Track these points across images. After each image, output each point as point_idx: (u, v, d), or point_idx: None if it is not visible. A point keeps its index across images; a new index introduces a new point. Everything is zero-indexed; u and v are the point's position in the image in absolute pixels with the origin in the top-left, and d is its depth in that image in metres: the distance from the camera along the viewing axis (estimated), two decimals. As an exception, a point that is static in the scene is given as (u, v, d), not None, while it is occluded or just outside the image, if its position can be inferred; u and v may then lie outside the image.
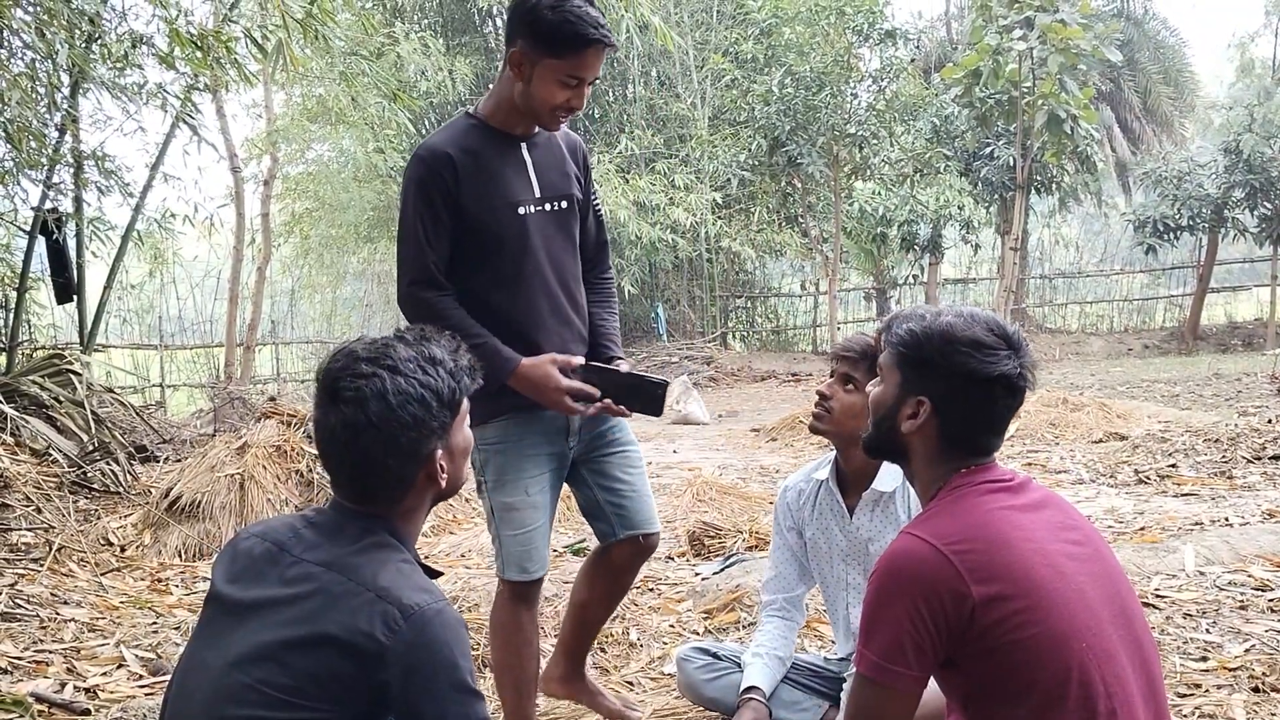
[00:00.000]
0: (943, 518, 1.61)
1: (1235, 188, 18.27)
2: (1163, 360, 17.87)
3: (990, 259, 22.47)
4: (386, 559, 1.63)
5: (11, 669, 3.33)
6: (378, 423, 1.61)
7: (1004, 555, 1.54)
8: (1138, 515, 5.49)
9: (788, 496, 2.98)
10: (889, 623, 1.54)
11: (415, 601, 1.56)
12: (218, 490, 5.56)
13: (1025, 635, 1.50)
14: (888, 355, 1.78)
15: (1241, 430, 7.09)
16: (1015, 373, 1.67)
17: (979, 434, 1.70)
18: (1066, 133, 12.68)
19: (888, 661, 1.54)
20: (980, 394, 1.66)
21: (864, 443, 1.86)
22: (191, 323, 17.44)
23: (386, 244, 18.71)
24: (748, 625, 3.98)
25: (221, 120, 13.20)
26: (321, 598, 1.57)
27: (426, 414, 1.65)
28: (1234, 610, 3.72)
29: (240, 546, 1.72)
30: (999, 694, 1.54)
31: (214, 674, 1.59)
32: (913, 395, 1.70)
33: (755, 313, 22.59)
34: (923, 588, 1.53)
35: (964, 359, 1.65)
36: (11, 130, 6.89)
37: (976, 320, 1.70)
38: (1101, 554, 1.68)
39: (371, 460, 1.64)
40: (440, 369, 1.68)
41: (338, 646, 1.53)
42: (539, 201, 2.56)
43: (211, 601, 1.70)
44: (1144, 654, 1.61)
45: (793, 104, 14.80)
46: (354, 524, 1.67)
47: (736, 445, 9.99)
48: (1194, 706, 2.90)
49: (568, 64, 2.36)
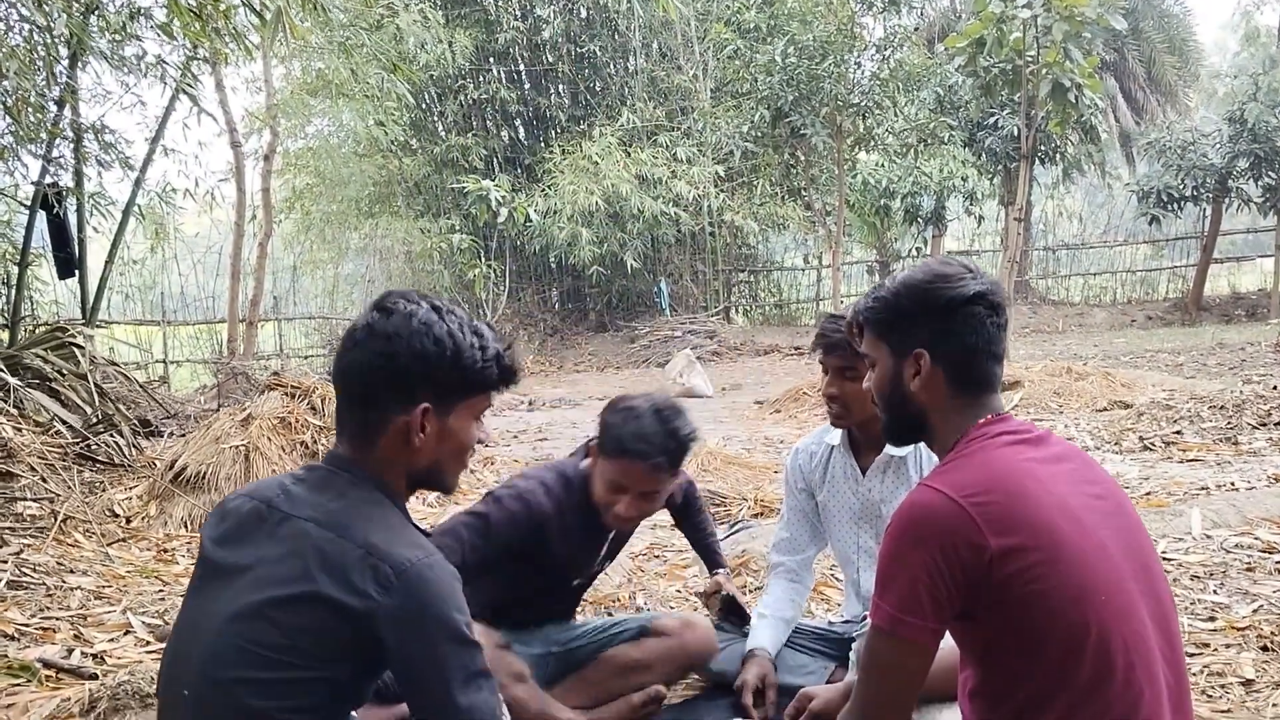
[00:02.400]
0: (960, 470, 1.59)
1: (1239, 157, 18.16)
2: (1166, 331, 17.83)
3: (994, 231, 22.39)
4: (376, 515, 1.60)
5: (19, 636, 3.33)
6: (396, 334, 1.64)
7: (1023, 507, 1.51)
8: (1143, 481, 5.48)
9: (799, 459, 2.97)
10: (905, 575, 1.52)
11: (407, 557, 1.54)
12: (223, 461, 5.55)
13: (1043, 588, 1.48)
14: (867, 336, 1.78)
15: (1246, 397, 7.07)
16: (987, 288, 1.70)
17: (981, 362, 1.69)
18: (1071, 102, 12.52)
19: (904, 614, 1.52)
20: (965, 319, 1.67)
21: (884, 433, 1.85)
22: (194, 299, 17.41)
23: (388, 220, 18.65)
24: (754, 590, 3.98)
25: (221, 94, 13.09)
26: (311, 555, 1.54)
27: (440, 361, 1.65)
28: (1241, 572, 3.72)
29: (229, 507, 1.70)
30: (1015, 647, 1.52)
31: (208, 636, 1.58)
32: (908, 353, 1.71)
33: (758, 287, 22.54)
34: (940, 539, 1.50)
35: (937, 294, 1.68)
36: (10, 103, 6.86)
37: (929, 263, 1.76)
38: (1124, 509, 1.65)
39: (372, 373, 1.65)
40: (478, 341, 1.69)
41: (329, 605, 1.52)
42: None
43: (202, 563, 1.68)
44: (1164, 611, 1.59)
45: (796, 74, 14.68)
46: (342, 479, 1.65)
47: (740, 417, 9.98)
48: (1203, 665, 2.89)
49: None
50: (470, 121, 19.94)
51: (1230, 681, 2.79)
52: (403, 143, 18.16)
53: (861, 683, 1.61)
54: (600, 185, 16.95)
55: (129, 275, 13.84)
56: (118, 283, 12.70)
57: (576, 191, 16.87)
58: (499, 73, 20.08)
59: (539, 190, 17.66)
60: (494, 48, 19.28)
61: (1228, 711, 2.61)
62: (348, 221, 19.38)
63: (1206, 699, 2.70)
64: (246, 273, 14.95)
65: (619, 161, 17.31)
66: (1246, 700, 2.67)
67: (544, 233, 17.48)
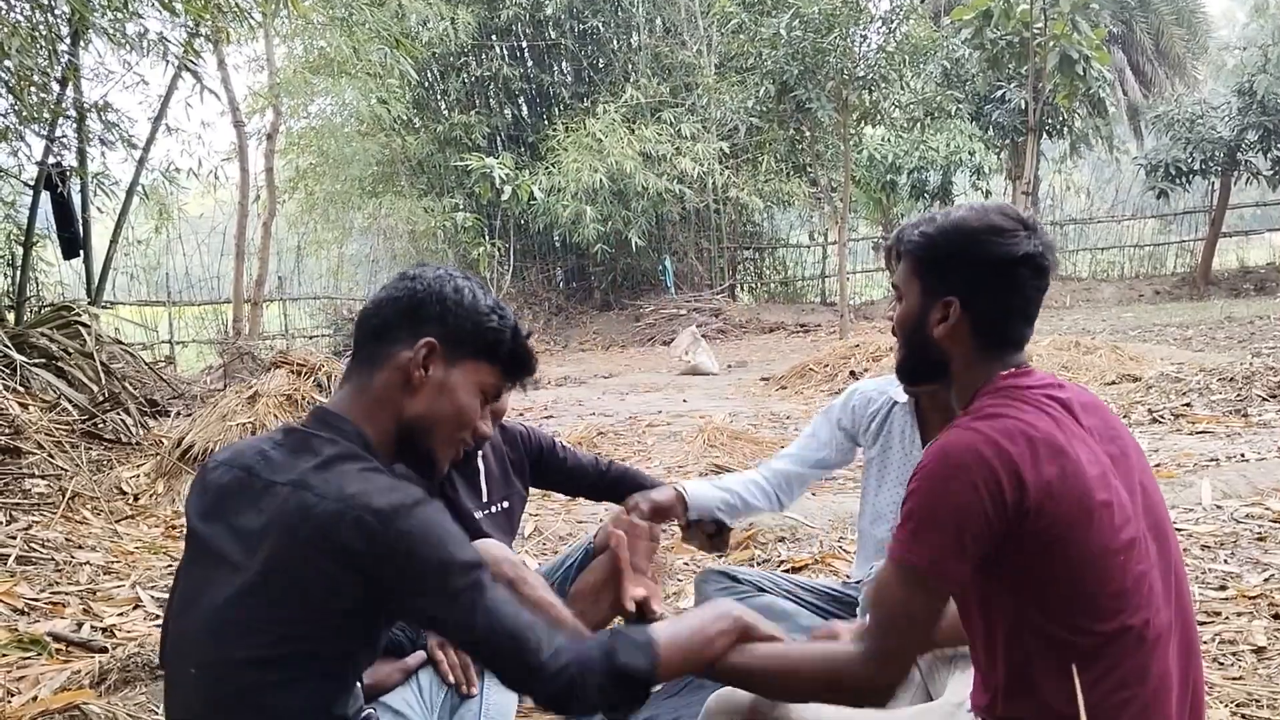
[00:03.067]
0: (993, 416, 1.53)
1: (1249, 130, 18.04)
2: (1174, 305, 17.77)
3: (1000, 206, 22.26)
4: (351, 468, 1.56)
5: (29, 610, 3.34)
6: (420, 276, 1.71)
7: (1057, 456, 1.48)
8: (1153, 453, 5.46)
9: (854, 399, 2.81)
10: (944, 514, 1.47)
11: (387, 503, 1.50)
12: (230, 439, 5.55)
13: (1070, 537, 1.46)
14: (904, 267, 1.71)
15: (1256, 369, 7.04)
16: (1038, 251, 1.61)
17: (1013, 323, 1.63)
18: (1079, 74, 12.46)
19: (941, 554, 1.47)
20: (1007, 279, 1.60)
21: (899, 369, 1.78)
22: (199, 279, 17.43)
23: (391, 199, 18.62)
24: (762, 562, 3.98)
25: (223, 73, 13.07)
26: (295, 519, 1.52)
27: (456, 305, 1.69)
28: (1252, 542, 3.71)
29: (209, 478, 1.66)
30: (1028, 591, 1.49)
31: (205, 615, 1.56)
32: (938, 298, 1.64)
33: (763, 264, 22.46)
34: (983, 478, 1.45)
35: (985, 247, 1.60)
36: (13, 82, 6.83)
37: (988, 209, 1.65)
38: (1142, 465, 1.62)
39: (389, 303, 1.70)
40: (499, 308, 1.74)
41: (320, 566, 1.49)
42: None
43: (191, 539, 1.65)
44: (1178, 573, 1.57)
45: (801, 47, 14.57)
46: (321, 439, 1.62)
47: (746, 394, 9.98)
48: (1214, 633, 2.88)
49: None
50: (473, 99, 19.87)
51: (1242, 649, 2.78)
52: (406, 121, 18.10)
53: (884, 622, 1.54)
54: (604, 163, 16.89)
55: (134, 256, 13.86)
56: (122, 263, 12.70)
57: (580, 169, 16.81)
58: (502, 49, 19.99)
59: (543, 168, 17.60)
60: (496, 24, 19.19)
61: (1239, 679, 2.60)
62: (351, 201, 19.36)
63: (1219, 666, 2.69)
64: (251, 253, 14.96)
65: (623, 138, 17.23)
66: (1258, 667, 2.67)
67: (548, 211, 17.43)
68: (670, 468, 6.08)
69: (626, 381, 11.85)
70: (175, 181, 10.09)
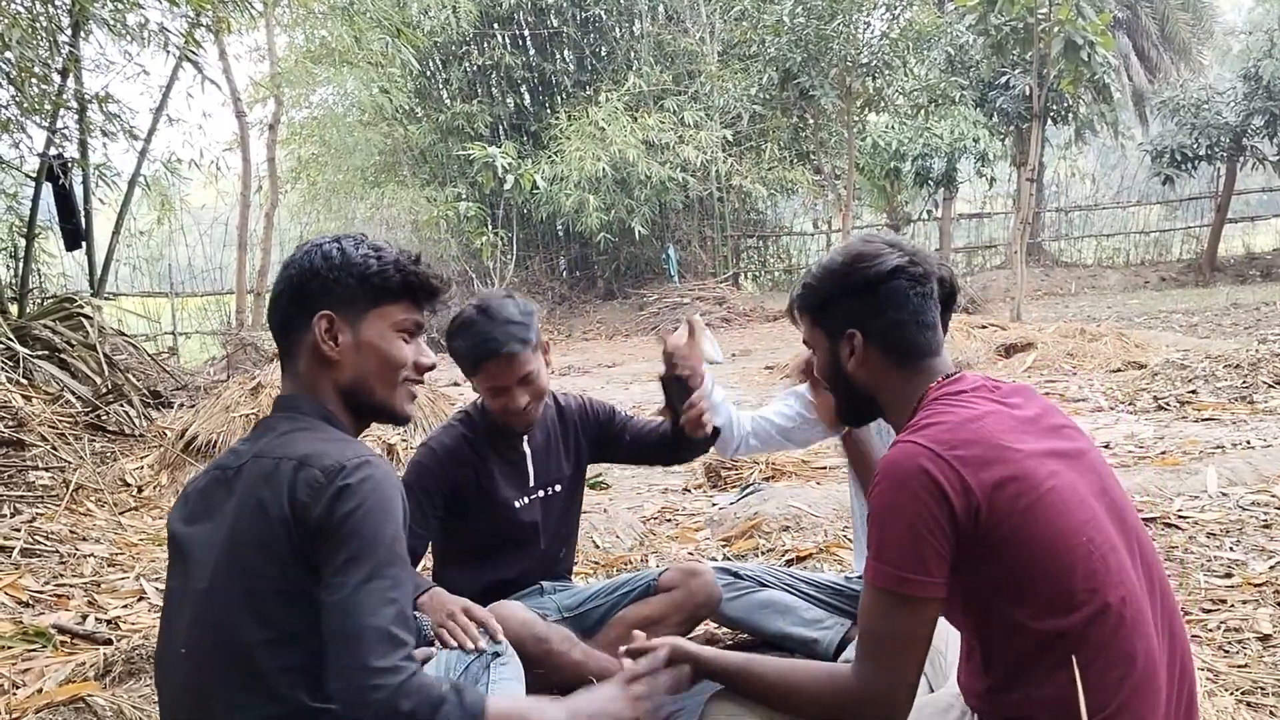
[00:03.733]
0: (932, 425, 1.58)
1: (1254, 115, 17.96)
2: (1180, 292, 17.72)
3: (1005, 193, 22.23)
4: (310, 435, 1.63)
5: (33, 602, 3.35)
6: (291, 261, 1.74)
7: (999, 454, 1.52)
8: (1158, 440, 5.45)
9: None
10: (901, 531, 1.51)
11: (338, 459, 1.54)
12: (233, 430, 5.56)
13: (1028, 530, 1.49)
14: (805, 324, 1.82)
15: (1262, 356, 7.01)
16: (906, 261, 1.70)
17: (912, 333, 1.70)
18: (1083, 60, 12.39)
19: (907, 571, 1.50)
20: (889, 294, 1.69)
21: (840, 418, 1.88)
22: (201, 270, 17.44)
23: (394, 189, 18.60)
24: (766, 552, 3.97)
25: (224, 63, 13.05)
26: (256, 487, 1.57)
27: (329, 270, 1.70)
28: (1258, 529, 3.69)
29: (189, 490, 1.73)
30: (1006, 594, 1.52)
31: (189, 601, 1.60)
32: (840, 337, 1.73)
33: (767, 252, 22.43)
34: (929, 491, 1.50)
35: (856, 275, 1.70)
36: (14, 73, 6.82)
37: (851, 243, 1.77)
38: (1086, 446, 1.66)
39: (277, 300, 1.74)
40: (375, 252, 1.74)
41: (279, 527, 1.53)
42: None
43: (172, 546, 1.70)
44: (1144, 548, 1.60)
45: (804, 34, 14.53)
46: (280, 417, 1.69)
47: (751, 383, 9.97)
48: (1219, 621, 2.87)
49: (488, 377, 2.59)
50: (475, 88, 19.83)
51: (1247, 637, 2.77)
52: (408, 110, 18.07)
53: (870, 649, 1.57)
54: (607, 151, 16.85)
55: (136, 247, 13.87)
56: (125, 255, 12.72)
57: (583, 158, 16.77)
58: (503, 38, 19.93)
59: (545, 157, 17.57)
60: (498, 12, 19.13)
61: (1244, 666, 2.59)
62: (354, 191, 19.35)
63: (1224, 654, 2.68)
64: (253, 244, 14.96)
65: (626, 127, 17.19)
66: (1264, 655, 2.65)
67: (551, 200, 17.40)
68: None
69: (630, 371, 11.84)
70: (177, 173, 10.06)
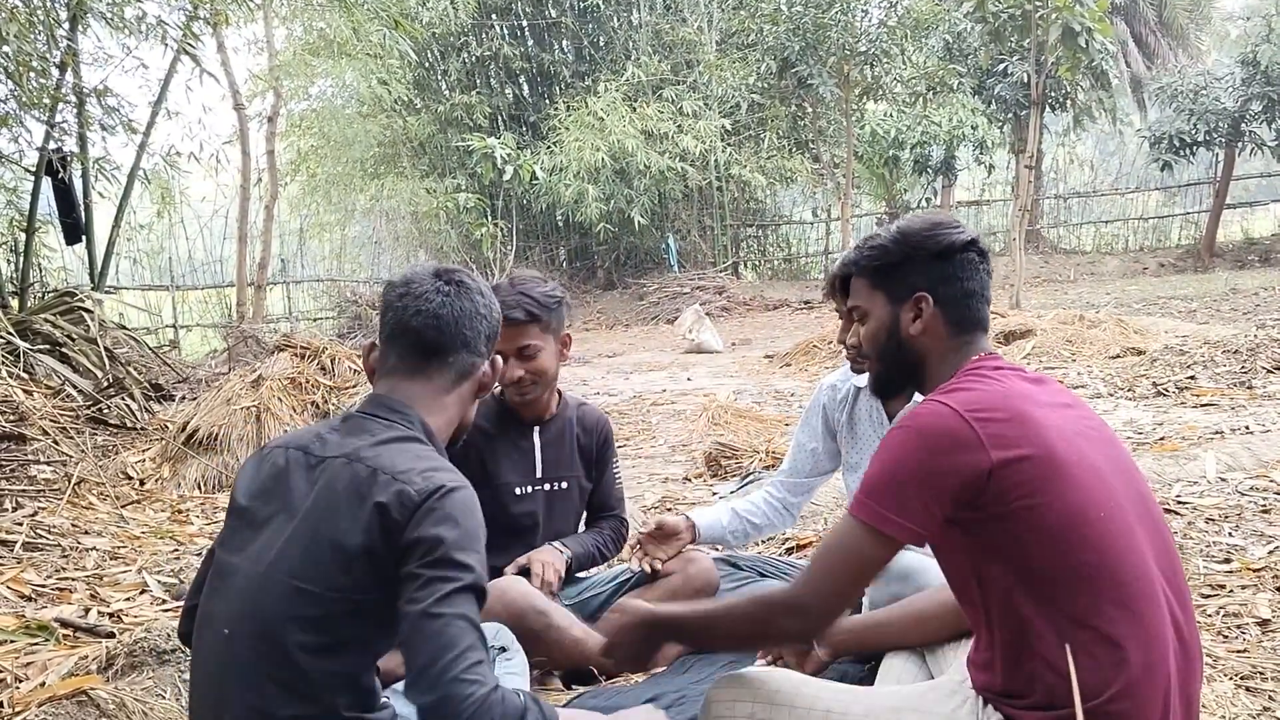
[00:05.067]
0: (965, 390, 1.62)
1: (1253, 100, 17.92)
2: (1179, 278, 17.71)
3: (1004, 180, 22.20)
4: (406, 448, 1.64)
5: (36, 596, 3.36)
6: (485, 293, 1.87)
7: (1023, 427, 1.55)
8: (1157, 426, 5.45)
9: (823, 395, 2.91)
10: (901, 478, 1.55)
11: (430, 481, 1.57)
12: (234, 423, 5.57)
13: (1041, 502, 1.51)
14: (862, 285, 1.83)
15: (1261, 341, 7.01)
16: (976, 237, 1.79)
17: (975, 304, 1.76)
18: (1081, 46, 12.36)
19: (891, 512, 1.55)
20: (962, 264, 1.75)
21: (874, 385, 1.89)
22: (202, 263, 17.40)
23: (394, 181, 18.57)
24: (764, 541, 3.98)
25: (222, 56, 12.99)
26: (341, 489, 1.58)
27: (493, 332, 1.88)
28: (1257, 514, 3.69)
29: (265, 458, 1.73)
30: (1014, 560, 1.54)
31: (245, 579, 1.60)
32: (907, 299, 1.76)
33: (766, 241, 22.41)
34: (941, 449, 1.53)
35: (936, 240, 1.75)
36: (12, 67, 6.81)
37: (922, 214, 1.88)
38: (1113, 439, 1.70)
39: (477, 320, 1.83)
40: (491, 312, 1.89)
41: (359, 530, 1.55)
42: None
43: (234, 513, 1.71)
44: (1162, 536, 1.62)
45: (802, 23, 14.52)
46: (378, 423, 1.69)
47: (750, 371, 9.97)
48: (1218, 606, 2.88)
49: None
50: (474, 79, 19.78)
51: (1246, 622, 2.78)
52: (406, 102, 18.04)
53: (823, 565, 1.62)
54: (606, 141, 16.83)
55: (136, 240, 13.85)
56: (125, 248, 12.71)
57: (582, 148, 16.75)
58: (502, 29, 19.88)
59: (544, 148, 17.54)
60: (496, 3, 19.09)
61: (1243, 651, 2.60)
62: (353, 183, 19.32)
63: (1223, 639, 2.69)
64: (254, 236, 14.92)
65: (624, 117, 17.17)
66: (1263, 640, 2.67)
67: (550, 190, 17.39)
68: (675, 445, 6.08)
69: (631, 360, 11.84)
70: (176, 166, 10.06)
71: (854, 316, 1.86)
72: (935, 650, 2.09)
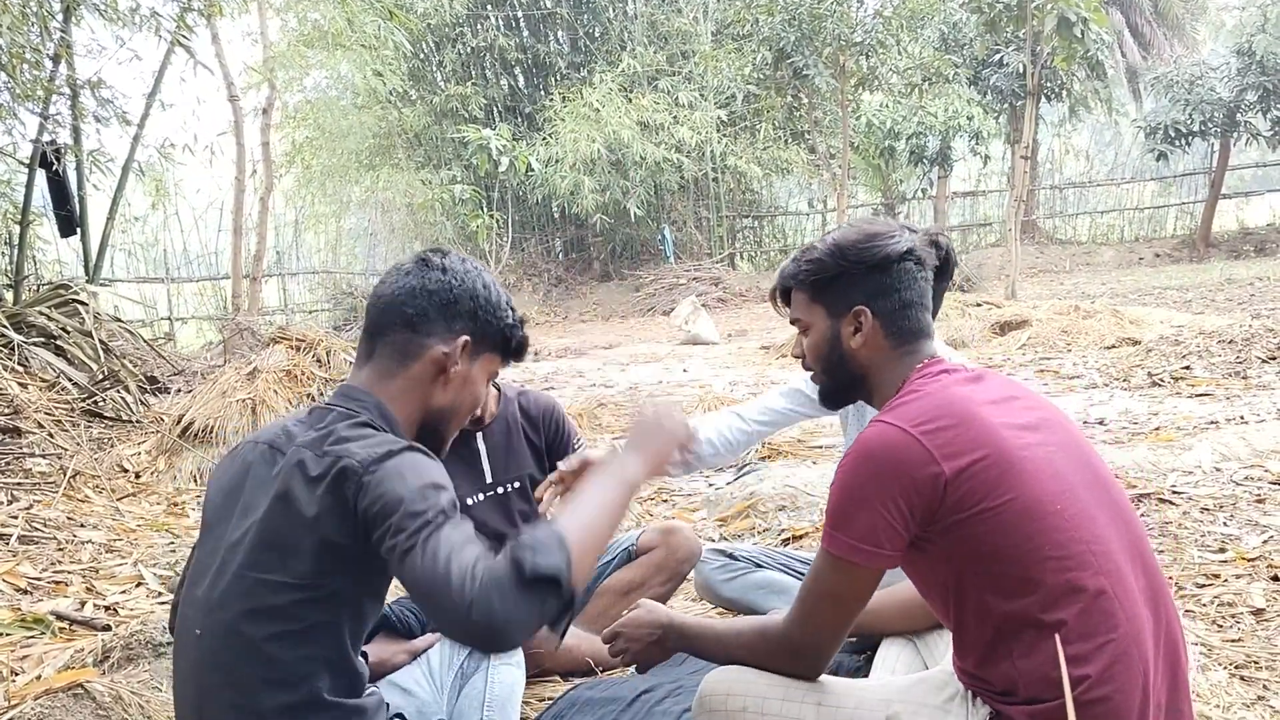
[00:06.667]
0: (908, 404, 1.63)
1: (1248, 90, 17.92)
2: (1174, 268, 17.73)
3: (1000, 171, 22.21)
4: (357, 432, 1.61)
5: (31, 589, 3.36)
6: (452, 269, 1.74)
7: (970, 430, 1.55)
8: (1152, 416, 5.47)
9: (808, 383, 2.90)
10: (863, 507, 1.55)
11: (372, 452, 1.53)
12: (230, 415, 5.56)
13: (999, 501, 1.52)
14: (801, 299, 1.81)
15: (1255, 331, 7.02)
16: (914, 244, 1.75)
17: (916, 313, 1.75)
18: (1077, 37, 12.35)
19: (862, 542, 1.55)
20: (900, 274, 1.73)
21: (821, 396, 1.89)
22: (197, 256, 17.38)
23: (389, 172, 18.54)
24: (762, 531, 3.99)
25: (217, 47, 12.94)
26: (297, 473, 1.57)
27: (485, 303, 1.75)
28: (1251, 504, 3.71)
29: (236, 455, 1.73)
30: (978, 563, 1.55)
31: (213, 577, 1.60)
32: (845, 313, 1.75)
33: (762, 232, 22.40)
34: (895, 471, 1.54)
35: (871, 251, 1.73)
36: (5, 59, 6.78)
37: (855, 224, 1.80)
38: (1065, 425, 1.70)
39: (428, 295, 1.71)
40: (509, 308, 1.80)
41: (315, 513, 1.53)
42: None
43: (206, 510, 1.72)
44: (1124, 516, 1.62)
45: (797, 13, 14.47)
46: (338, 412, 1.67)
47: (747, 363, 9.97)
48: (1213, 595, 2.89)
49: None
50: (469, 70, 19.73)
51: (1241, 611, 2.79)
52: (401, 93, 17.99)
53: (808, 607, 1.64)
54: (602, 132, 16.80)
55: (131, 233, 13.84)
56: (120, 240, 12.70)
57: (578, 139, 16.72)
58: (497, 19, 19.83)
59: (540, 139, 17.51)
60: (495, -5, 19.05)
61: (1238, 640, 2.61)
62: (348, 175, 19.29)
63: (1217, 629, 2.70)
64: (249, 228, 14.89)
65: (620, 108, 17.14)
66: (1257, 629, 2.67)
67: (546, 182, 17.36)
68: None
69: (627, 352, 11.84)
70: (171, 158, 10.03)
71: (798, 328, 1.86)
72: (926, 637, 2.10)
